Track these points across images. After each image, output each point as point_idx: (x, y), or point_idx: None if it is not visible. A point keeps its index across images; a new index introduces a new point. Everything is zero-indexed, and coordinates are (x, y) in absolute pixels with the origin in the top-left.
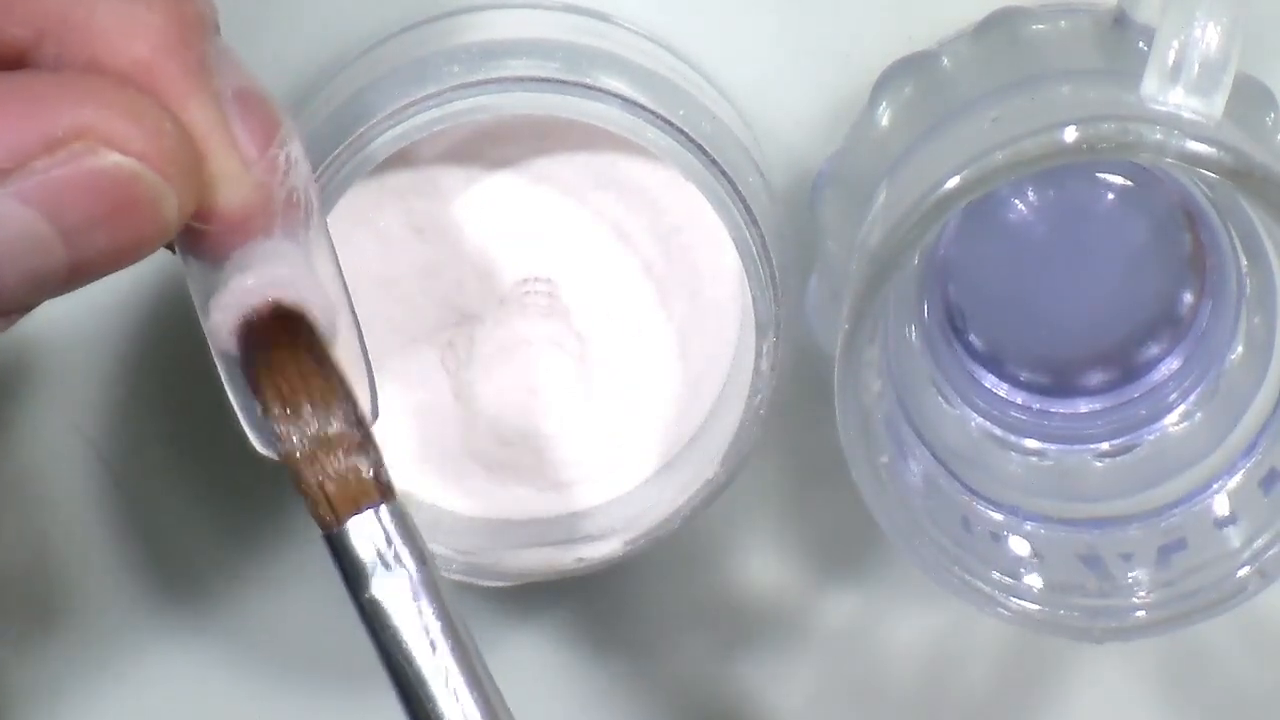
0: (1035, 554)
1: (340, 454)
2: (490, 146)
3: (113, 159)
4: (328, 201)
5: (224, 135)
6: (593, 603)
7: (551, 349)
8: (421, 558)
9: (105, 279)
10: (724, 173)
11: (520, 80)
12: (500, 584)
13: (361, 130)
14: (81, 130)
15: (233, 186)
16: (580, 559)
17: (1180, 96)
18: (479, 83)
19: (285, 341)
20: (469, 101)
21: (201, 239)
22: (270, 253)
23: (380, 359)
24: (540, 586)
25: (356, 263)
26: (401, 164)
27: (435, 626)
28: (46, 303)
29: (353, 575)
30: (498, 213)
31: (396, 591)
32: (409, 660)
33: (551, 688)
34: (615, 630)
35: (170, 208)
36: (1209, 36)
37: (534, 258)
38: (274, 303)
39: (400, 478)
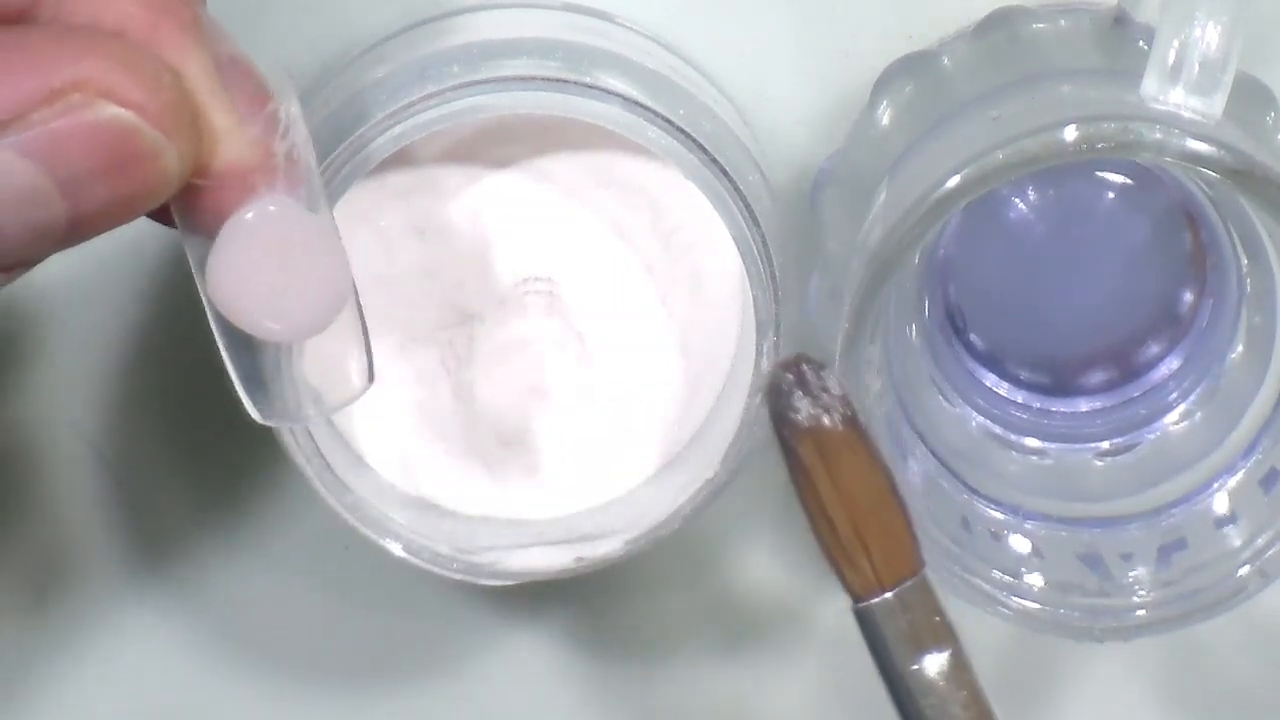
0: (1035, 553)
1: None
2: (490, 146)
3: (111, 111)
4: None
5: (221, 91)
6: (593, 603)
7: (551, 349)
8: (954, 630)
9: (102, 273)
10: (724, 172)
11: (520, 80)
12: (500, 584)
13: (361, 130)
14: (80, 82)
15: (231, 141)
16: (580, 559)
17: (1180, 96)
18: (479, 82)
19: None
20: (469, 101)
21: (202, 197)
22: (279, 216)
23: (380, 358)
24: (540, 586)
25: (357, 262)
26: (402, 163)
27: (976, 701)
28: (42, 300)
29: (896, 647)
30: (498, 213)
31: (937, 665)
32: None
33: (551, 688)
34: (615, 630)
35: (170, 160)
36: (1209, 36)
37: (534, 257)
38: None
39: (400, 477)
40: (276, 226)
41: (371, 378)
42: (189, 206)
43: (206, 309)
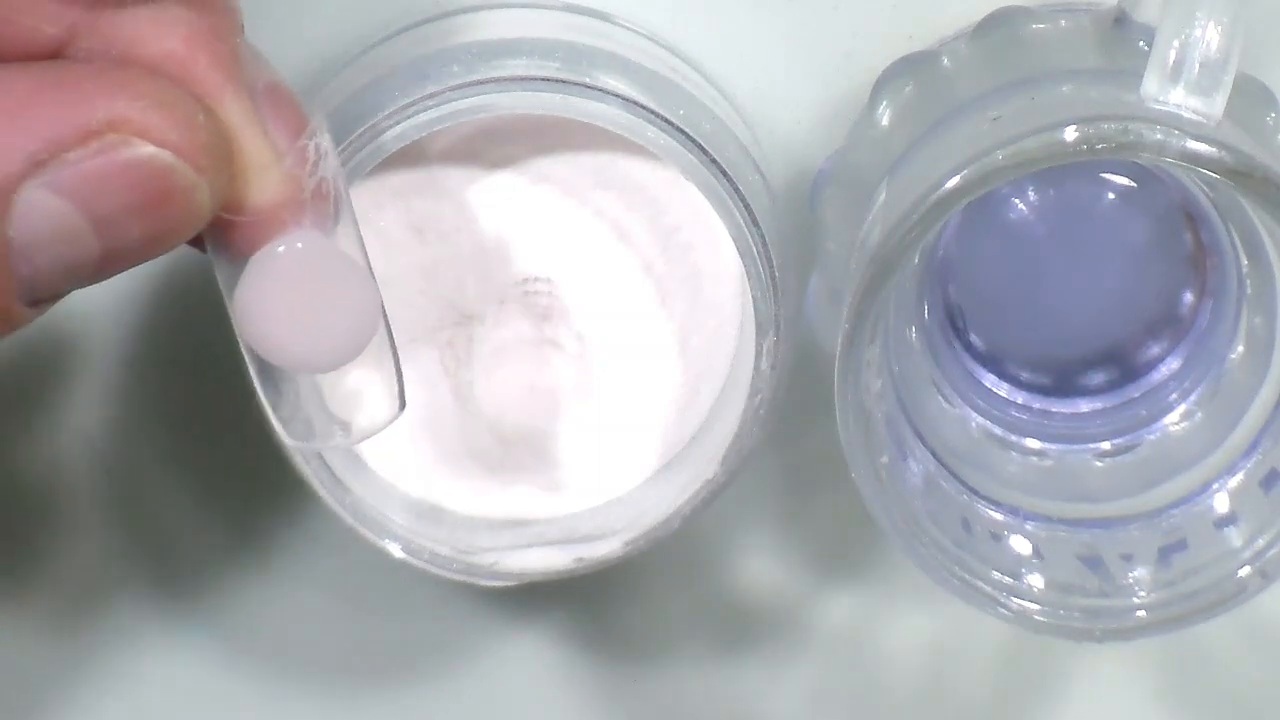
0: (1035, 554)
1: None
2: (490, 146)
3: (146, 150)
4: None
5: (256, 126)
6: (593, 603)
7: (551, 349)
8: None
9: (108, 283)
10: (724, 172)
11: (520, 80)
12: (500, 584)
13: (361, 130)
14: (115, 121)
15: (264, 177)
16: (580, 559)
17: (1181, 96)
18: (479, 82)
19: None
20: (469, 101)
21: (232, 230)
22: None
23: None
24: (540, 586)
25: None
26: (402, 163)
27: None
28: (48, 309)
29: None
30: (498, 213)
31: None
32: None
33: (551, 688)
34: (615, 630)
35: (203, 198)
36: (1209, 36)
37: (534, 258)
38: None
39: (399, 478)
40: (303, 261)
41: (403, 404)
42: (219, 238)
43: (237, 334)
